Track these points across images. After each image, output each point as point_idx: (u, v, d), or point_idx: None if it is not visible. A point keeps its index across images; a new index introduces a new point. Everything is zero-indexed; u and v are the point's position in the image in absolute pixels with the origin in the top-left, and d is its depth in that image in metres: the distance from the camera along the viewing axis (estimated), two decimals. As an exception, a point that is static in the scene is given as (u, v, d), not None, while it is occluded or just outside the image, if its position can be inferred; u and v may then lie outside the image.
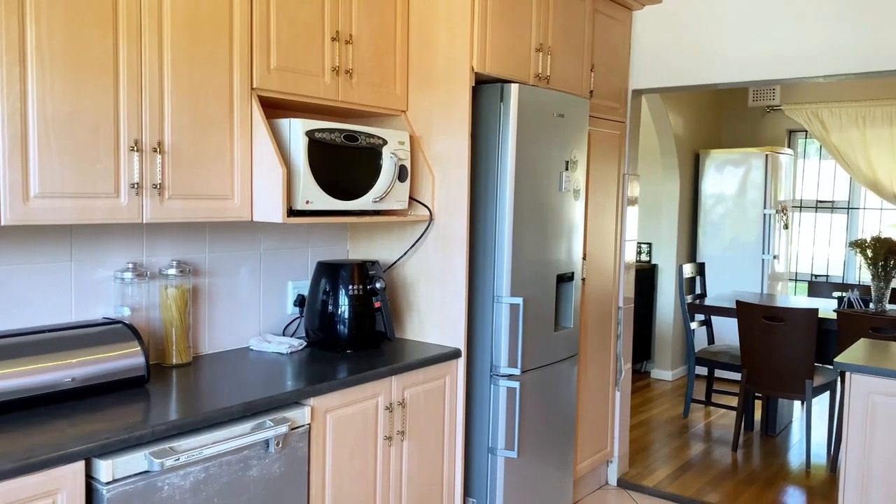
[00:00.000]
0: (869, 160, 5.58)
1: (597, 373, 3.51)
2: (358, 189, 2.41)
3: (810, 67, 3.11)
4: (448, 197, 2.64)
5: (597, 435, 3.54)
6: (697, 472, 3.89)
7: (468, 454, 2.77)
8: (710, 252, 5.87)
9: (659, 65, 3.50)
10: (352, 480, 2.23)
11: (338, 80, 2.43)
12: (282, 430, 1.94)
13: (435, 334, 2.71)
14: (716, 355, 4.55)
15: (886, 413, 2.51)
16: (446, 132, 2.63)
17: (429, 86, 2.66)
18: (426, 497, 2.53)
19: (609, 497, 3.57)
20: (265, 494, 1.95)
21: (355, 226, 2.94)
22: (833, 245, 6.07)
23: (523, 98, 2.66)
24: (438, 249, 2.68)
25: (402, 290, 2.80)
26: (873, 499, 2.55)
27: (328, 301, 2.54)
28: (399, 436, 2.40)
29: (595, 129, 3.32)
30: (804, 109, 5.82)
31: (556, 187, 2.88)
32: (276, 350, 2.49)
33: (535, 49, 2.84)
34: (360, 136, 2.40)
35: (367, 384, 2.26)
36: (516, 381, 2.72)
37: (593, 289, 3.41)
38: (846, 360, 2.61)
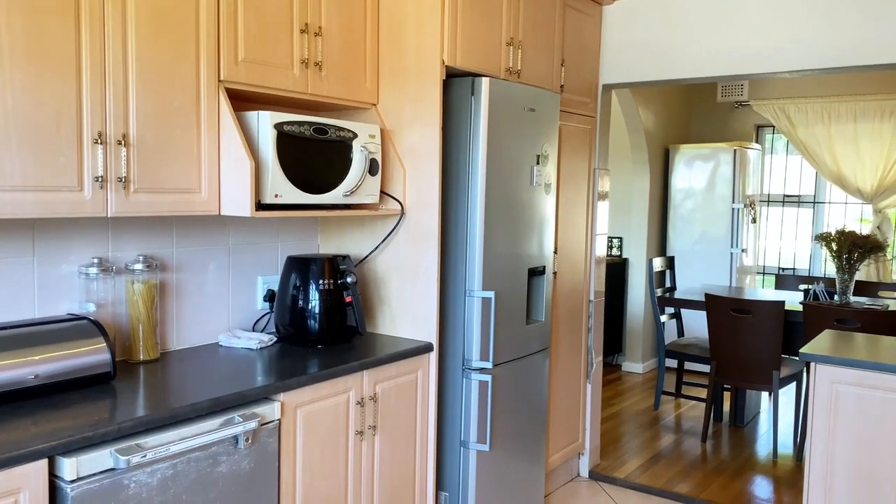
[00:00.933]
0: (834, 155, 5.68)
1: (568, 366, 3.53)
2: (328, 183, 2.39)
3: (777, 63, 3.16)
4: (419, 191, 2.64)
5: (568, 427, 3.56)
6: (667, 463, 3.94)
7: (440, 448, 2.78)
8: (679, 246, 5.93)
9: (629, 60, 3.52)
10: (323, 475, 2.22)
11: (307, 73, 2.40)
12: (251, 425, 1.92)
13: (407, 328, 2.70)
14: (685, 348, 4.61)
15: (849, 402, 2.56)
16: (417, 126, 2.62)
17: (399, 79, 2.65)
18: (398, 491, 2.53)
19: (580, 489, 3.60)
20: (235, 490, 1.94)
21: (326, 220, 2.92)
22: (799, 239, 6.18)
23: (494, 92, 2.66)
24: (410, 243, 2.68)
25: (373, 284, 2.79)
26: (837, 485, 2.60)
27: (298, 296, 2.52)
28: (371, 430, 2.39)
29: (566, 123, 3.33)
30: (771, 105, 5.91)
31: (527, 181, 2.89)
32: (245, 346, 2.46)
33: (505, 43, 2.84)
34: (330, 129, 2.38)
35: (337, 379, 2.25)
36: (488, 375, 2.73)
37: (565, 282, 3.43)
38: (811, 350, 2.66)
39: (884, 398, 2.50)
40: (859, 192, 5.63)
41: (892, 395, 2.48)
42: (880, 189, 5.52)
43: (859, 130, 5.58)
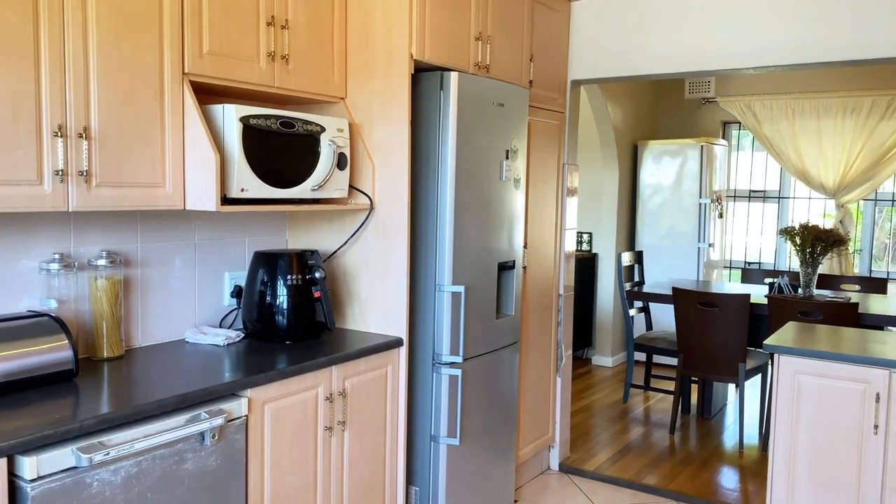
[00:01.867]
0: (798, 151, 5.79)
1: (538, 359, 3.55)
2: (295, 177, 2.38)
3: (742, 59, 3.20)
4: (389, 185, 2.63)
5: (538, 421, 3.59)
6: (636, 455, 3.98)
7: (410, 442, 2.77)
8: (648, 241, 6.00)
9: (596, 56, 3.55)
10: (291, 471, 2.20)
11: (273, 66, 2.38)
12: (217, 422, 1.90)
13: (376, 324, 2.70)
14: (653, 341, 4.67)
15: (811, 391, 2.61)
16: (386, 120, 2.61)
17: (368, 73, 2.63)
18: (368, 486, 2.53)
19: (551, 482, 3.62)
20: (201, 488, 1.91)
21: (294, 215, 2.90)
22: (765, 233, 6.28)
23: (463, 86, 2.66)
24: (379, 238, 2.67)
25: (342, 279, 2.77)
26: (799, 473, 2.66)
27: (266, 291, 2.50)
28: (340, 426, 2.38)
29: (535, 118, 3.35)
30: (737, 101, 6.00)
31: (496, 176, 2.90)
32: (212, 342, 2.43)
33: (474, 38, 2.84)
34: (297, 122, 2.36)
35: (306, 374, 2.23)
36: (458, 369, 2.73)
37: (534, 277, 3.45)
38: (775, 342, 2.71)
39: (844, 387, 2.55)
40: (822, 187, 5.74)
41: (853, 384, 2.54)
42: (842, 184, 5.64)
43: (822, 127, 5.69)
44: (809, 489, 2.64)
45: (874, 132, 5.48)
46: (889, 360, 2.47)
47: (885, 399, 2.48)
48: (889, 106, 5.41)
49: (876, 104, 5.46)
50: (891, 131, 5.42)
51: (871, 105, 5.47)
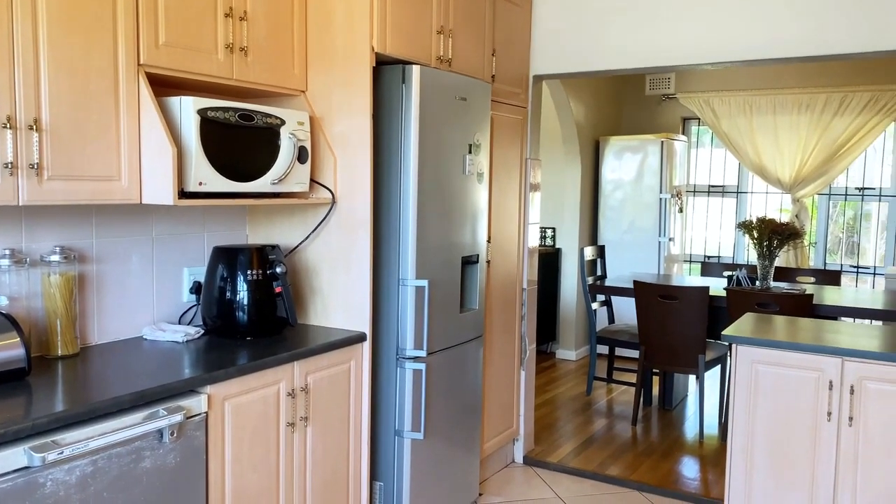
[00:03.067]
0: (755, 146, 5.91)
1: (502, 353, 3.57)
2: (255, 170, 2.34)
3: (700, 55, 3.25)
4: (351, 179, 2.61)
5: (503, 414, 3.60)
6: (599, 446, 4.03)
7: (374, 438, 2.77)
8: (610, 236, 6.07)
9: (558, 51, 3.57)
10: (253, 468, 2.18)
11: (232, 58, 2.35)
12: (176, 418, 1.87)
13: (339, 319, 2.68)
14: (616, 334, 4.72)
15: (767, 380, 2.67)
16: (347, 113, 2.59)
17: (329, 65, 2.61)
18: (331, 482, 2.51)
19: (515, 474, 3.64)
20: (160, 486, 1.88)
21: (254, 209, 2.86)
22: (724, 228, 6.40)
23: (425, 80, 2.65)
24: (342, 232, 2.65)
25: (304, 274, 2.75)
26: (757, 460, 2.71)
27: (226, 287, 2.46)
28: (302, 422, 2.36)
29: (497, 113, 3.36)
30: (696, 98, 6.09)
31: (459, 170, 2.90)
32: (171, 339, 2.39)
33: (436, 31, 2.84)
34: (257, 115, 2.33)
35: (267, 370, 2.21)
36: (422, 364, 2.73)
37: (498, 271, 3.46)
38: (733, 332, 2.76)
39: (799, 376, 2.61)
40: (779, 182, 5.86)
41: (807, 372, 2.60)
42: (798, 179, 5.77)
43: (778, 123, 5.81)
44: (766, 476, 2.70)
45: (828, 128, 5.62)
46: (841, 348, 2.54)
47: (838, 386, 2.55)
48: (842, 103, 5.55)
49: (829, 101, 5.59)
50: (844, 127, 5.56)
51: (825, 101, 5.61)
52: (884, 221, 5.72)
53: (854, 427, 2.53)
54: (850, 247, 5.93)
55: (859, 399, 2.51)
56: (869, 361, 2.49)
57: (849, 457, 2.54)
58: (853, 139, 5.55)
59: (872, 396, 2.50)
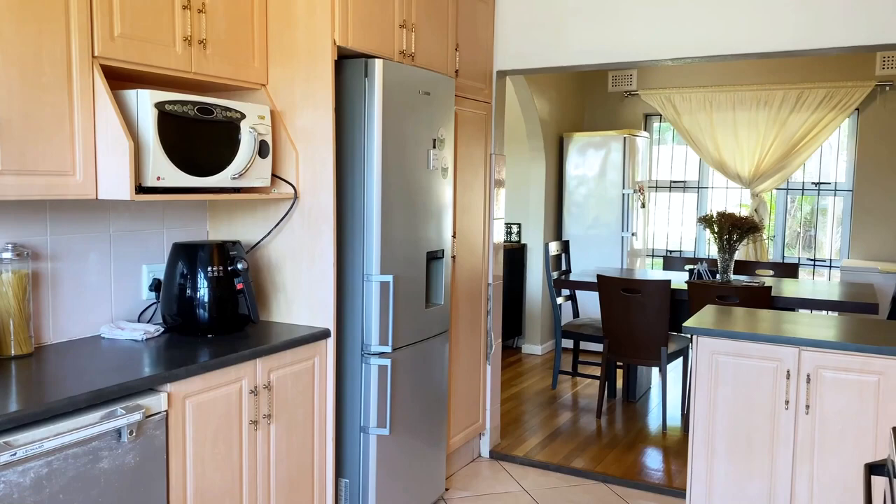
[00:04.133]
0: (715, 142, 6.01)
1: (468, 348, 3.57)
2: (215, 165, 2.31)
3: (660, 51, 3.29)
4: (313, 174, 2.59)
5: (469, 409, 3.61)
6: (565, 439, 4.06)
7: (340, 434, 2.75)
8: (574, 231, 6.12)
9: (521, 47, 3.58)
10: (215, 467, 2.15)
11: (190, 51, 2.30)
12: (135, 417, 1.83)
13: (303, 315, 2.65)
14: (580, 328, 4.76)
15: (727, 370, 2.72)
16: (309, 107, 2.56)
17: (290, 59, 2.58)
18: (296, 480, 2.49)
19: (481, 468, 3.66)
20: (119, 487, 1.84)
21: (215, 205, 2.82)
22: (685, 223, 6.50)
23: (388, 74, 2.64)
24: (304, 228, 2.62)
25: (267, 270, 2.71)
26: (717, 449, 2.76)
27: (186, 284, 2.42)
28: (266, 419, 2.33)
29: (462, 108, 3.36)
30: (658, 94, 6.17)
31: (424, 165, 2.89)
32: (129, 337, 2.35)
33: (398, 25, 2.83)
34: (216, 109, 2.29)
35: (229, 368, 2.18)
36: (387, 359, 2.72)
37: (463, 266, 3.46)
38: (694, 324, 2.80)
39: (758, 366, 2.67)
40: (738, 177, 5.97)
41: (766, 362, 2.65)
42: (757, 174, 5.89)
43: (738, 119, 5.92)
44: (727, 464, 2.75)
45: (785, 124, 5.74)
46: (798, 338, 2.59)
47: (795, 375, 2.60)
48: (798, 99, 5.67)
49: (786, 97, 5.71)
50: (800, 123, 5.69)
51: (783, 98, 5.73)
52: (839, 216, 5.86)
53: (811, 415, 2.59)
54: (807, 240, 6.07)
55: (815, 387, 2.57)
56: (824, 351, 2.55)
57: (806, 444, 2.60)
58: (809, 135, 5.68)
59: (828, 384, 2.56)
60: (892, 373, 2.45)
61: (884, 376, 2.47)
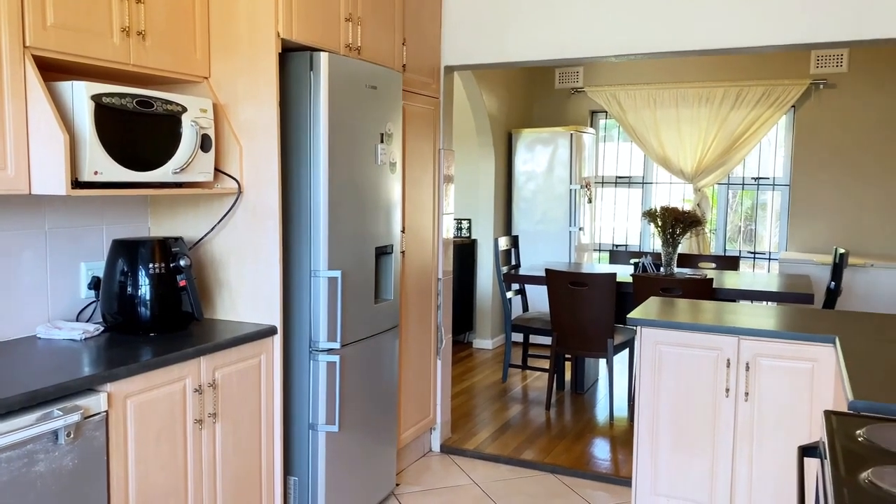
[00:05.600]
0: (659, 138, 6.14)
1: (418, 343, 3.57)
2: (155, 159, 2.25)
3: (605, 48, 3.35)
4: (257, 168, 2.55)
5: (420, 404, 3.61)
6: (515, 432, 4.11)
7: (288, 432, 2.72)
8: (523, 226, 6.18)
9: (468, 42, 3.60)
10: (159, 468, 2.10)
11: (129, 42, 2.24)
12: (72, 419, 1.78)
13: (248, 312, 2.62)
14: (529, 321, 4.82)
15: (670, 360, 2.79)
16: (253, 101, 2.53)
17: (233, 52, 2.54)
18: (243, 479, 2.45)
19: (432, 463, 3.67)
20: (57, 490, 1.79)
21: (157, 200, 2.76)
22: (630, 218, 6.63)
23: (334, 68, 2.62)
24: (249, 223, 2.58)
25: (211, 267, 2.67)
26: (662, 437, 2.83)
27: (126, 282, 2.36)
28: (211, 418, 2.29)
29: (409, 103, 3.35)
30: (604, 91, 6.27)
31: (371, 160, 2.88)
32: (67, 337, 2.27)
33: (344, 18, 2.80)
34: (156, 102, 2.24)
35: (172, 366, 2.13)
36: (336, 356, 2.70)
37: (413, 261, 3.46)
38: (638, 315, 2.86)
39: (700, 355, 2.74)
40: (682, 172, 6.11)
41: (707, 351, 2.73)
42: (699, 170, 6.04)
43: (681, 116, 6.06)
44: (671, 452, 2.82)
45: (726, 121, 5.90)
46: (738, 328, 2.68)
47: (735, 364, 2.68)
48: (738, 96, 5.84)
49: (727, 94, 5.87)
50: (740, 120, 5.85)
51: (723, 95, 5.88)
52: (778, 210, 6.06)
53: (749, 401, 2.67)
54: (748, 234, 6.25)
55: (754, 375, 2.66)
56: (762, 339, 2.64)
57: (745, 429, 2.69)
58: (749, 131, 5.85)
59: (765, 372, 2.64)
60: (825, 359, 2.55)
61: (817, 363, 2.56)
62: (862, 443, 1.48)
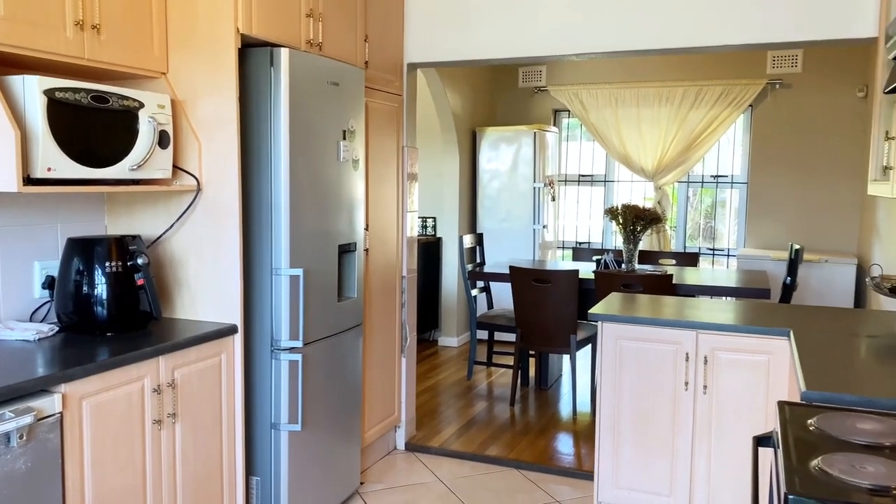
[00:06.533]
0: (621, 137, 6.21)
1: (383, 341, 3.57)
2: (112, 156, 2.21)
3: (567, 46, 3.37)
4: (217, 165, 2.52)
5: (384, 402, 3.61)
6: (479, 428, 4.12)
7: (250, 432, 2.69)
8: (488, 224, 6.20)
9: (431, 39, 3.60)
10: (117, 470, 2.07)
11: (83, 36, 2.20)
12: (25, 420, 1.74)
13: (209, 311, 2.58)
14: (494, 319, 4.84)
15: (631, 355, 2.82)
16: (213, 97, 2.49)
17: (191, 47, 2.50)
18: (204, 480, 2.42)
19: (397, 461, 3.66)
20: (9, 494, 1.74)
21: (114, 197, 2.70)
22: (593, 216, 6.70)
23: (295, 64, 2.60)
24: (209, 221, 2.55)
25: (170, 266, 2.63)
26: (623, 431, 2.87)
27: (82, 281, 2.31)
28: (170, 419, 2.26)
29: (372, 100, 3.34)
30: (566, 90, 6.33)
31: (334, 157, 2.87)
32: (20, 337, 2.22)
33: (305, 14, 2.78)
34: (112, 97, 2.19)
35: (129, 366, 2.10)
36: (298, 354, 2.69)
37: (377, 259, 3.45)
38: (599, 311, 2.89)
39: (659, 350, 2.78)
40: (642, 171, 6.20)
41: (666, 346, 2.77)
42: (659, 168, 6.13)
43: (641, 115, 6.14)
44: (632, 445, 2.86)
45: (686, 119, 5.99)
46: (696, 322, 2.72)
47: (694, 357, 2.73)
48: (697, 96, 5.94)
49: (686, 94, 5.97)
50: (699, 119, 5.96)
51: (683, 94, 5.98)
52: (736, 207, 6.18)
53: (708, 394, 2.73)
54: (707, 231, 6.37)
55: (712, 368, 2.71)
56: (720, 333, 2.69)
57: (704, 422, 2.74)
58: (708, 130, 5.95)
59: (723, 365, 2.70)
60: (780, 353, 2.61)
61: (773, 356, 2.63)
62: (813, 432, 1.52)
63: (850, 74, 5.55)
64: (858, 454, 1.38)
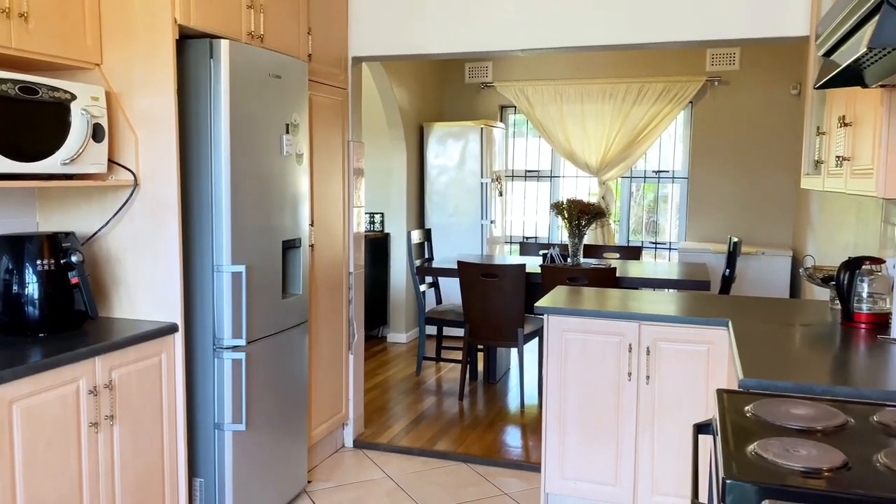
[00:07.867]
0: (566, 133, 6.29)
1: (329, 338, 3.53)
2: (42, 149, 2.13)
3: (511, 41, 3.39)
4: (155, 160, 2.45)
5: (331, 400, 3.57)
6: (428, 423, 4.12)
7: (193, 433, 2.63)
8: (436, 219, 6.20)
9: (376, 33, 3.57)
10: (50, 474, 1.99)
11: (10, 25, 2.10)
12: (-51, 427, 1.66)
13: (147, 310, 2.51)
14: (443, 314, 4.84)
15: (576, 347, 2.86)
16: (150, 89, 2.42)
17: (127, 38, 2.42)
18: (145, 482, 2.36)
19: (345, 458, 3.64)
20: (-68, 505, 1.66)
21: (45, 193, 2.60)
22: (539, 211, 6.77)
23: (235, 56, 2.54)
24: (146, 217, 2.48)
25: (106, 263, 2.54)
26: (569, 422, 2.90)
27: (12, 280, 2.22)
28: (108, 421, 2.19)
29: (316, 94, 3.30)
30: (512, 86, 6.37)
31: (276, 151, 2.82)
32: (-55, 340, 2.12)
33: (245, 6, 2.73)
34: (42, 88, 2.11)
35: (63, 367, 2.02)
36: (241, 353, 2.64)
37: (323, 255, 3.41)
38: (545, 304, 2.92)
39: (603, 341, 2.83)
40: (587, 166, 6.29)
41: (610, 337, 2.82)
42: (603, 163, 6.22)
43: (586, 111, 6.22)
44: (578, 436, 2.90)
45: (629, 116, 6.10)
46: (639, 313, 2.78)
47: (636, 348, 2.78)
48: (640, 92, 6.05)
49: (629, 90, 6.07)
50: (642, 115, 6.07)
51: (626, 91, 6.08)
52: (678, 202, 6.32)
53: (651, 384, 2.78)
54: (650, 225, 6.50)
55: (654, 359, 2.77)
56: (662, 324, 2.75)
57: (647, 411, 2.80)
58: (650, 126, 6.07)
59: (665, 356, 2.76)
60: (719, 342, 2.68)
61: (713, 346, 2.69)
62: (750, 418, 1.57)
63: (785, 72, 5.74)
64: (792, 438, 1.42)
